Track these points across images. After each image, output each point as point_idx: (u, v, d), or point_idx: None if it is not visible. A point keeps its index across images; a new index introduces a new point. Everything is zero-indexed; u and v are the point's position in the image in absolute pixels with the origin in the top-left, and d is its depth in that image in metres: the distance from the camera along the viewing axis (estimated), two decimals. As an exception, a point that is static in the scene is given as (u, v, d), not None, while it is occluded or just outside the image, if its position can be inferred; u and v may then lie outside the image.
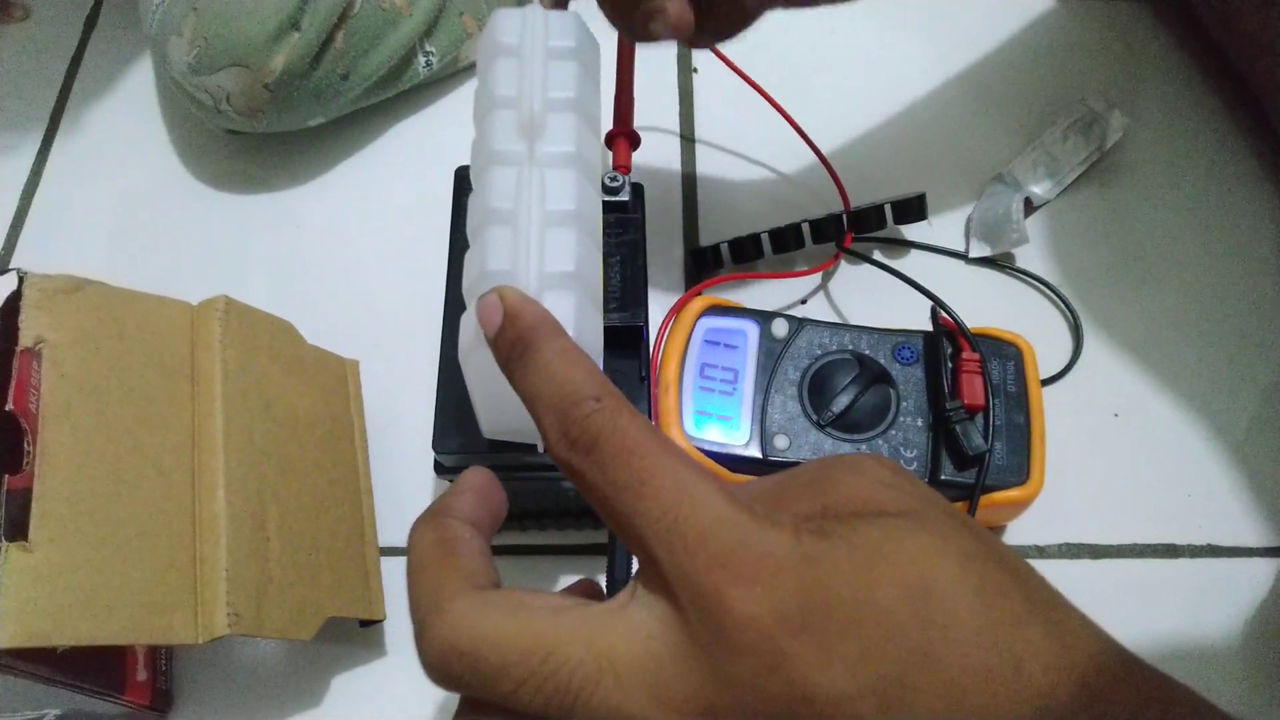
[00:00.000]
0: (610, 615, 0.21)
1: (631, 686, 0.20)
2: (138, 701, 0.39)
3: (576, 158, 0.32)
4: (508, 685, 0.21)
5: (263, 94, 0.50)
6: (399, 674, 0.42)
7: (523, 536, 0.45)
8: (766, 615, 0.19)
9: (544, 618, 0.21)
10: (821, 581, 0.20)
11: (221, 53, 0.49)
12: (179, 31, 0.49)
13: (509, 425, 0.34)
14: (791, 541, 0.20)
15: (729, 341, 0.45)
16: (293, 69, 0.50)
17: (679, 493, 0.21)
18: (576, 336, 0.29)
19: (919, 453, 0.43)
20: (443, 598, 0.22)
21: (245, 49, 0.49)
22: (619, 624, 0.21)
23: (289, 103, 0.51)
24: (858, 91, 0.60)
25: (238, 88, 0.50)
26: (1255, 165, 0.57)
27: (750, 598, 0.20)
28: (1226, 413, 0.49)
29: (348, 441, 0.45)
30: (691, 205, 0.55)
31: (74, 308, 0.36)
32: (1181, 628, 0.44)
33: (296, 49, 0.49)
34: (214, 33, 0.49)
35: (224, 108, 0.51)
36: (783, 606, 0.20)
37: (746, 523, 0.21)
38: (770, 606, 0.20)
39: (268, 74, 0.49)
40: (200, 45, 0.49)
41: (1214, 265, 0.53)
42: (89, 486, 0.34)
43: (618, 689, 0.20)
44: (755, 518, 0.21)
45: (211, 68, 0.49)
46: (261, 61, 0.49)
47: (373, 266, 0.53)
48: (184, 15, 0.49)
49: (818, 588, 0.20)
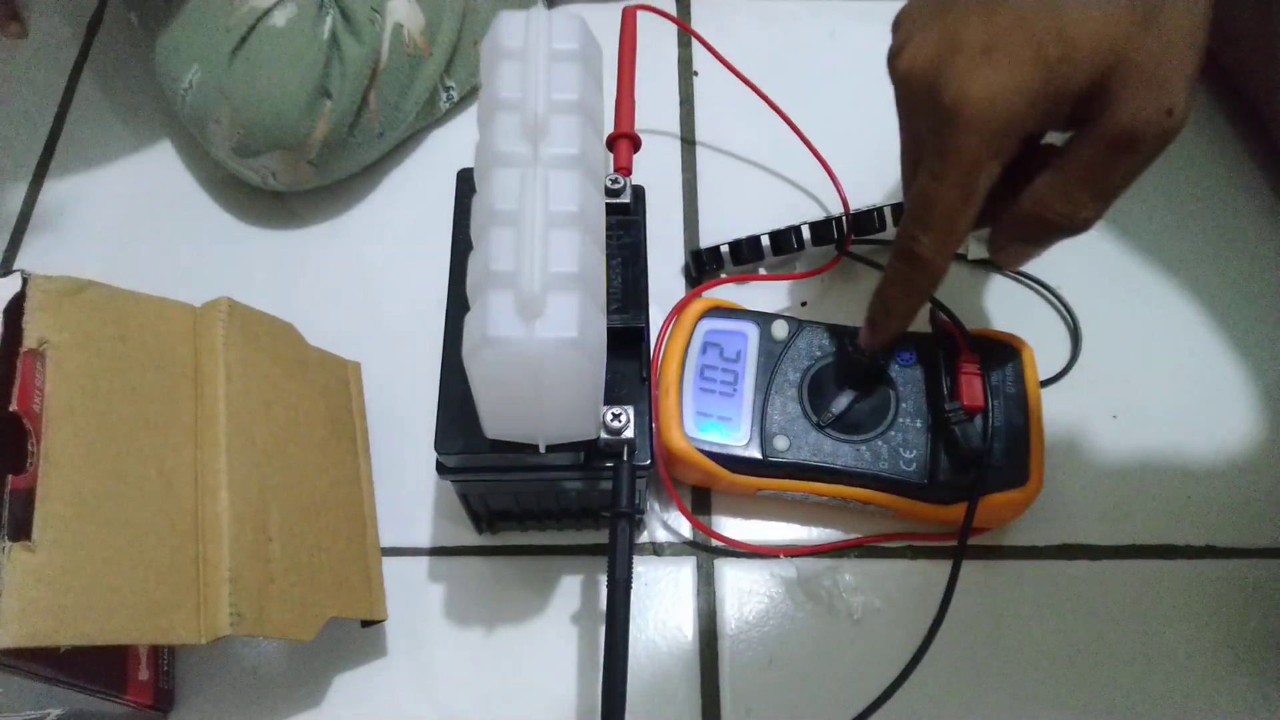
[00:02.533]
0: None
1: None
2: (139, 701, 0.39)
3: (580, 159, 0.32)
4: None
5: (306, 169, 0.51)
6: (400, 674, 0.43)
7: (523, 537, 0.45)
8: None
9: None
10: None
11: (261, 138, 0.49)
12: (216, 119, 0.49)
13: (512, 425, 0.34)
14: None
15: (729, 343, 0.45)
16: (332, 139, 0.50)
17: None
18: (580, 337, 0.29)
19: (918, 454, 0.43)
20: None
21: (283, 132, 0.48)
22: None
23: (329, 169, 0.52)
24: (857, 94, 0.60)
25: (282, 166, 0.50)
26: (1252, 167, 0.57)
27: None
28: (1224, 414, 0.49)
29: (349, 443, 0.45)
30: (692, 207, 0.55)
31: (77, 309, 0.37)
32: (1180, 629, 0.44)
33: (332, 118, 0.49)
34: (249, 119, 0.48)
35: (271, 183, 0.51)
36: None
37: None
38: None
39: (309, 150, 0.49)
40: (240, 133, 0.49)
41: (1211, 267, 0.54)
42: (92, 487, 0.34)
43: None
44: None
45: (254, 152, 0.49)
46: (301, 139, 0.49)
47: (374, 267, 0.53)
48: (217, 102, 0.49)
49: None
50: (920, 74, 0.34)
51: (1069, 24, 0.31)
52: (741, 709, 0.42)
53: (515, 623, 0.44)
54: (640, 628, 0.44)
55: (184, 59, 0.50)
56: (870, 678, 0.42)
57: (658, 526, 0.46)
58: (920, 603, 0.44)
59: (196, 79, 0.49)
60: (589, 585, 0.44)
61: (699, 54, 0.61)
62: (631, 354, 0.39)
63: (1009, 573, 0.45)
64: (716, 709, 0.42)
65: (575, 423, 0.34)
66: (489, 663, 0.43)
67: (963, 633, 0.43)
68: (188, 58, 0.49)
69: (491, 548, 0.45)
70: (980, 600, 0.44)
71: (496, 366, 0.30)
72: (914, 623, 0.43)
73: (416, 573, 0.45)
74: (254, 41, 0.48)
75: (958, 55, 0.33)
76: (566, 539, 0.45)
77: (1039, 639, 0.43)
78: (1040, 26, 0.31)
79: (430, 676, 0.43)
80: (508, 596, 0.44)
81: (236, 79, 0.48)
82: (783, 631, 0.44)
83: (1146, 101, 0.31)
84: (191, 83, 0.49)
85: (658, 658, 0.43)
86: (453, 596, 0.44)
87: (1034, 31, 0.32)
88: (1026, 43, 0.32)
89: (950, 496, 0.43)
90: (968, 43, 0.33)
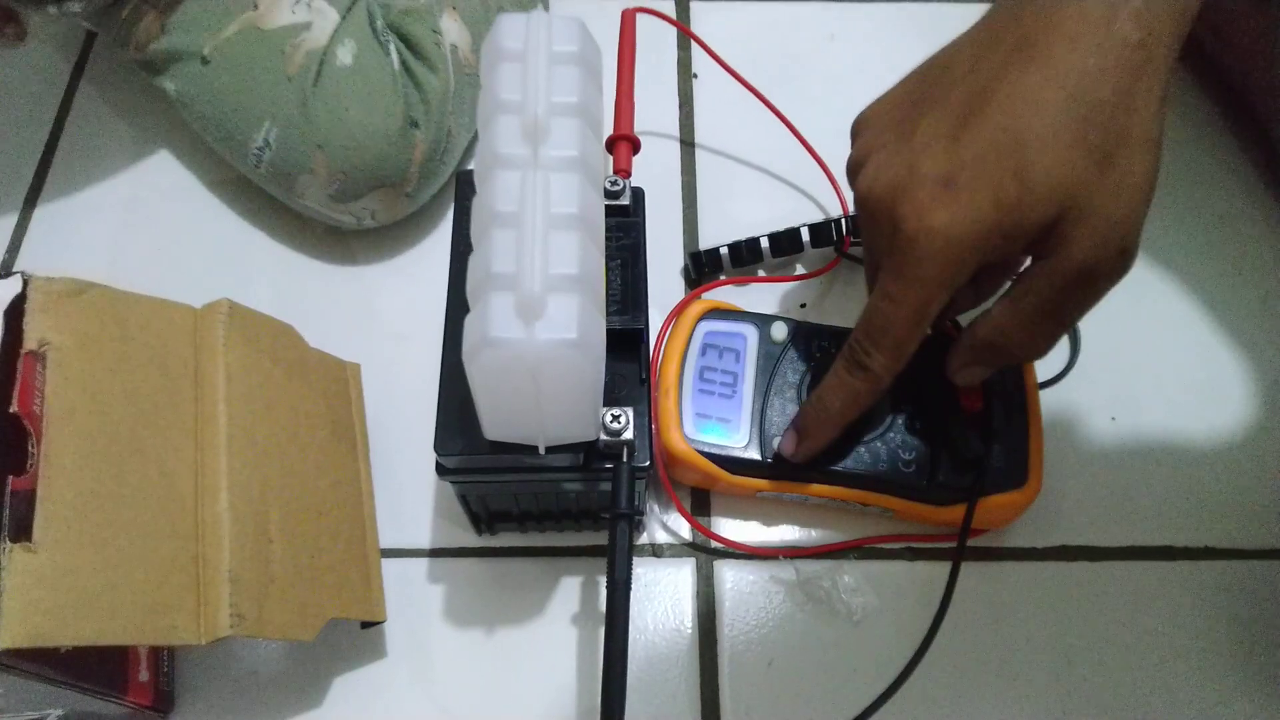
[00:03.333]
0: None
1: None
2: (140, 702, 0.39)
3: (580, 162, 0.32)
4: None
5: (405, 202, 0.50)
6: (399, 676, 0.43)
7: (523, 538, 0.45)
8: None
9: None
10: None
11: (365, 181, 0.48)
12: (309, 170, 0.48)
13: (512, 427, 0.34)
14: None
15: (729, 345, 0.45)
16: (426, 169, 0.50)
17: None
18: (580, 338, 0.29)
19: (917, 455, 0.43)
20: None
21: (386, 168, 0.48)
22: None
23: (421, 197, 0.51)
24: (856, 96, 0.60)
25: (383, 205, 0.50)
26: (1250, 169, 0.57)
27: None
28: (1223, 415, 0.49)
29: (349, 444, 0.45)
30: (691, 209, 0.55)
31: (78, 310, 0.37)
32: (1179, 630, 0.44)
33: (424, 147, 0.49)
34: (351, 164, 0.47)
35: (367, 223, 0.51)
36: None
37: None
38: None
39: (409, 183, 0.49)
40: (340, 179, 0.48)
41: (1209, 269, 0.54)
42: (92, 488, 0.34)
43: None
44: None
45: (356, 195, 0.49)
46: (403, 173, 0.48)
47: (375, 268, 0.53)
48: (309, 154, 0.47)
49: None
50: (879, 199, 0.34)
51: (1027, 165, 0.31)
52: (741, 710, 0.42)
53: (515, 624, 0.44)
54: (640, 629, 0.44)
55: (251, 117, 0.48)
56: (870, 679, 0.42)
57: (657, 528, 0.46)
58: (919, 604, 0.44)
59: (274, 136, 0.48)
60: (588, 587, 0.45)
61: (698, 56, 0.61)
62: (631, 356, 0.39)
63: (1008, 574, 0.45)
64: (716, 710, 0.42)
65: (575, 424, 0.34)
66: (489, 664, 0.43)
67: (962, 634, 0.43)
68: (255, 116, 0.48)
69: (491, 549, 0.45)
70: (980, 601, 0.44)
71: (496, 367, 0.30)
72: (913, 624, 0.43)
73: (416, 574, 0.45)
74: (326, 84, 0.47)
75: (918, 187, 0.33)
76: (566, 540, 0.46)
77: (1038, 640, 0.43)
78: (999, 166, 0.32)
79: (430, 678, 0.43)
80: (507, 598, 0.44)
81: (322, 126, 0.47)
82: (782, 633, 0.44)
83: (1102, 243, 0.32)
84: (268, 141, 0.48)
85: (657, 659, 0.43)
86: (452, 598, 0.44)
87: (993, 170, 0.32)
88: (986, 181, 0.32)
89: (949, 498, 0.43)
90: (928, 174, 0.33)
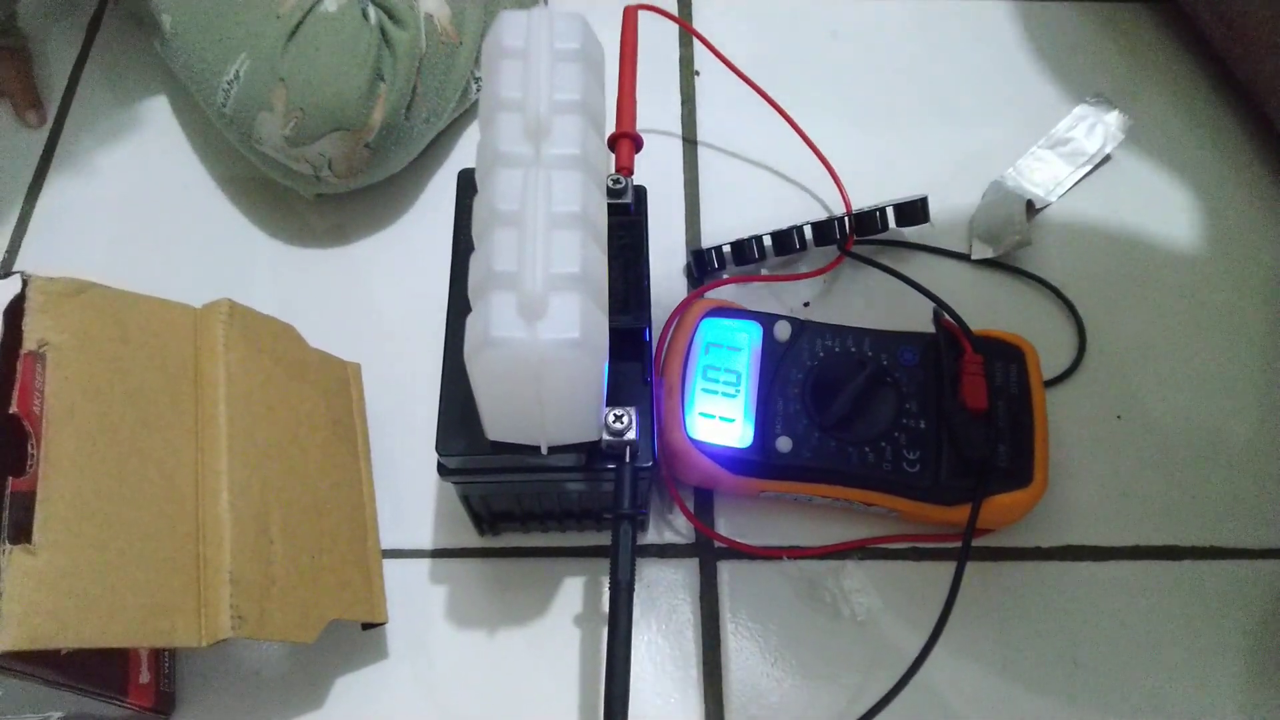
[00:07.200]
0: None
1: None
2: (140, 704, 0.39)
3: (582, 160, 0.32)
4: None
5: (364, 153, 0.50)
6: (401, 677, 0.42)
7: (525, 538, 0.45)
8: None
9: None
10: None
11: (321, 120, 0.48)
12: (268, 106, 0.48)
13: (514, 427, 0.34)
14: None
15: (732, 343, 0.45)
16: (390, 122, 0.49)
17: None
18: (582, 338, 0.29)
19: (922, 455, 0.43)
20: None
21: (345, 111, 0.48)
22: None
23: (384, 156, 0.51)
24: (859, 94, 0.60)
25: (340, 151, 0.49)
26: (1258, 166, 0.57)
27: None
28: (1229, 414, 0.49)
29: (350, 444, 0.45)
30: (694, 207, 0.55)
31: (77, 310, 0.36)
32: (1185, 630, 0.44)
33: (389, 101, 0.49)
34: (310, 101, 0.47)
35: (324, 174, 0.50)
36: None
37: None
38: None
39: (368, 132, 0.49)
40: (297, 116, 0.48)
41: (1217, 267, 0.53)
42: (93, 489, 0.34)
43: None
44: None
45: (312, 136, 0.48)
46: (362, 120, 0.48)
47: (375, 268, 0.53)
48: (270, 87, 0.48)
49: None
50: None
51: None
52: (745, 712, 0.42)
53: (517, 625, 0.44)
54: (643, 629, 0.44)
55: (229, 49, 0.49)
56: (874, 679, 0.41)
57: (660, 528, 0.46)
58: (924, 604, 0.44)
59: (245, 68, 0.48)
60: (591, 587, 0.44)
61: (700, 53, 0.61)
62: (634, 355, 0.39)
63: (1013, 574, 0.45)
64: (720, 711, 0.42)
65: (577, 424, 0.34)
66: (491, 665, 0.43)
67: (967, 634, 0.43)
68: (234, 48, 0.49)
69: (493, 550, 0.45)
70: (984, 601, 0.44)
71: (498, 367, 0.30)
72: (918, 624, 0.43)
73: (418, 575, 0.45)
74: (309, 26, 0.48)
75: None
76: (568, 541, 0.45)
77: (1043, 640, 0.43)
78: None
79: (431, 679, 0.42)
80: (509, 599, 0.44)
81: (294, 62, 0.48)
82: (786, 633, 0.43)
83: None
84: (238, 73, 0.49)
85: (660, 660, 0.43)
86: (454, 599, 0.44)
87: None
88: None
89: (954, 498, 0.43)
90: None
